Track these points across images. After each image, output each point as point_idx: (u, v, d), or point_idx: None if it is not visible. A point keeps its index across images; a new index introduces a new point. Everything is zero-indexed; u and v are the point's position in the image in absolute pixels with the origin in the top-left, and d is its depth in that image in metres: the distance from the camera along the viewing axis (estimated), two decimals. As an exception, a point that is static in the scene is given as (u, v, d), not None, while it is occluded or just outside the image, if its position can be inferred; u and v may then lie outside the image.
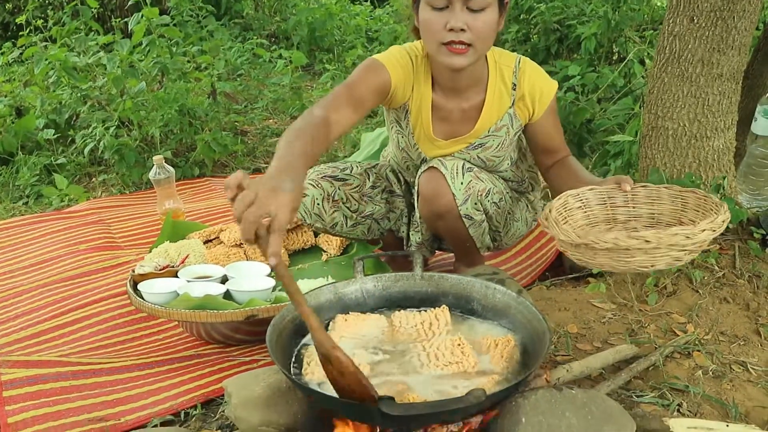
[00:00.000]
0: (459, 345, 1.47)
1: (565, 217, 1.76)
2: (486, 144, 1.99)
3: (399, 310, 1.65)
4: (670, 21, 2.18)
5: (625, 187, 1.76)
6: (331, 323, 1.59)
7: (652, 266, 1.52)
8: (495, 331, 1.57)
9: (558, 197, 1.77)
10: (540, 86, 1.94)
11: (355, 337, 1.54)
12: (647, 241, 1.46)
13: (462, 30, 1.72)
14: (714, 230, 1.51)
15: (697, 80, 2.16)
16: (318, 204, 2.10)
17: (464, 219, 1.92)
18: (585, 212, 1.81)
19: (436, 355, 1.46)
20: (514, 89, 1.94)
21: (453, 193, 1.88)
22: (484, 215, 1.95)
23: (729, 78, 2.16)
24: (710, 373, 1.74)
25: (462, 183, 1.88)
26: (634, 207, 1.81)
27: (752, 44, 2.48)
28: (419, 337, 1.55)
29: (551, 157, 2.03)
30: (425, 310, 1.63)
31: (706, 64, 2.14)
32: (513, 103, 1.95)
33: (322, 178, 2.11)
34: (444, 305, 1.63)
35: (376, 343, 1.53)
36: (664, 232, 1.47)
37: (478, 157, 2.00)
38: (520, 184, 2.18)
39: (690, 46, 2.14)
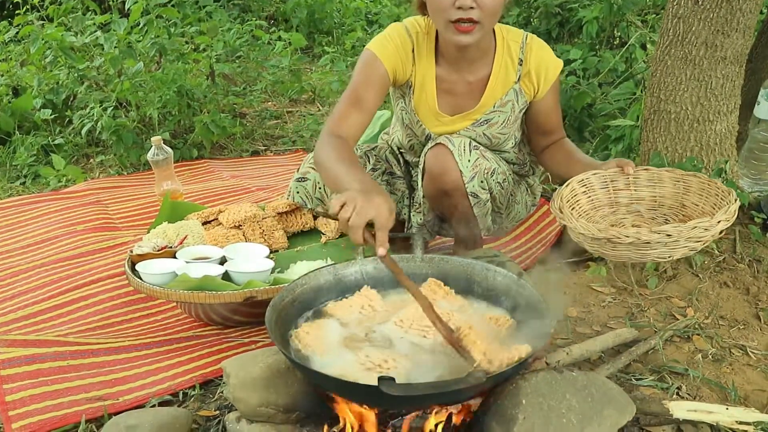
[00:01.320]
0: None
1: (572, 205, 1.76)
2: (492, 120, 1.98)
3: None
4: (674, 3, 2.15)
5: (627, 170, 1.78)
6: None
7: (670, 257, 1.56)
8: (495, 311, 1.56)
9: (565, 184, 1.78)
10: (546, 63, 1.94)
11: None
12: (668, 235, 1.49)
13: (471, 8, 1.71)
14: (728, 220, 1.54)
15: (701, 63, 2.15)
16: (320, 188, 2.09)
17: (470, 197, 1.91)
18: (589, 197, 1.81)
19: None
20: (521, 65, 1.94)
21: (460, 170, 1.87)
22: (488, 194, 1.94)
23: (733, 61, 2.14)
24: (710, 356, 1.74)
25: (469, 161, 1.87)
26: (635, 190, 1.82)
27: (756, 27, 2.45)
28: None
29: (547, 138, 2.04)
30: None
31: (710, 46, 2.12)
32: (519, 79, 1.95)
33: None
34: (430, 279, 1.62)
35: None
36: (684, 225, 1.50)
37: (483, 134, 1.99)
38: (521, 167, 2.17)
39: (694, 29, 2.12)
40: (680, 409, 1.44)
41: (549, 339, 1.42)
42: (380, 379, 1.16)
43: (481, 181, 1.90)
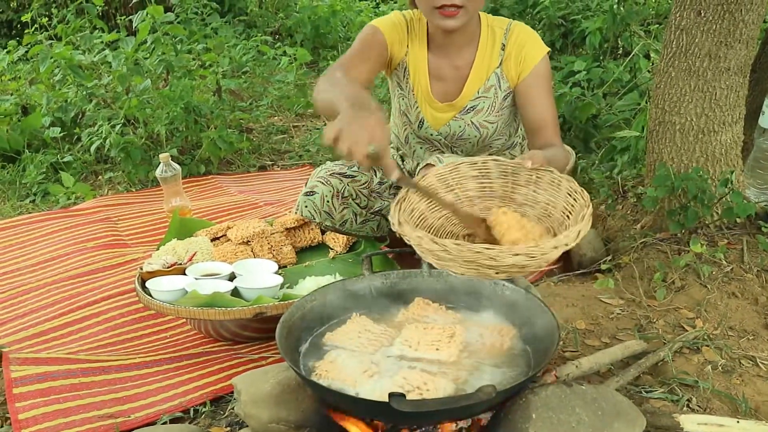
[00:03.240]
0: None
1: (452, 186, 1.62)
2: (477, 107, 2.02)
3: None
4: (677, 15, 2.17)
5: (525, 163, 1.59)
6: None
7: (460, 274, 1.37)
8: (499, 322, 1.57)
9: (448, 163, 1.64)
10: (527, 46, 1.96)
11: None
12: (447, 251, 1.33)
13: None
14: (532, 257, 1.32)
15: (705, 74, 2.15)
16: (328, 201, 2.10)
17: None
18: (481, 183, 1.64)
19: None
20: (503, 49, 1.98)
21: None
22: None
23: (736, 72, 2.15)
24: (719, 368, 1.73)
25: None
26: (535, 190, 1.61)
27: (759, 37, 2.46)
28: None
29: (539, 137, 1.94)
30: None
31: (714, 57, 2.13)
32: (501, 63, 1.99)
33: (330, 175, 2.12)
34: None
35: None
36: (506, 249, 1.31)
37: (471, 122, 2.03)
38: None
39: (697, 40, 2.13)
40: (691, 423, 1.44)
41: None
42: (391, 395, 1.17)
43: None
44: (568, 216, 1.51)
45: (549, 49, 1.99)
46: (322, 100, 1.65)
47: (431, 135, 2.08)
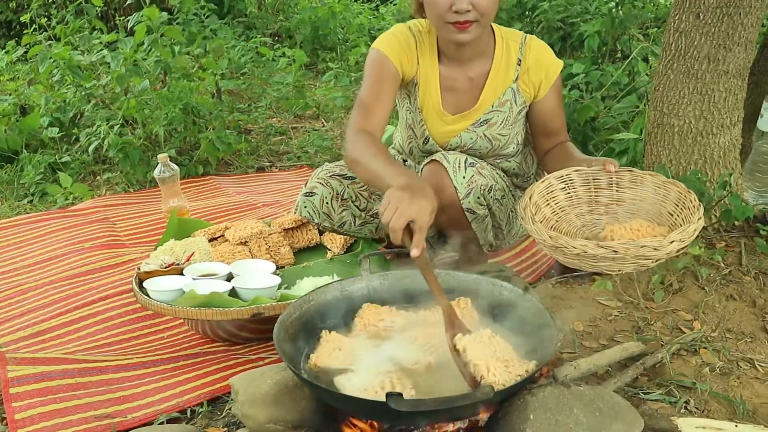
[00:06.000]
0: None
1: (547, 200, 1.76)
2: (491, 120, 2.00)
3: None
4: (676, 18, 2.17)
5: (609, 168, 1.76)
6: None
7: (619, 270, 1.55)
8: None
9: (542, 180, 1.78)
10: (546, 62, 1.97)
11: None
12: (615, 251, 1.47)
13: (467, 11, 1.76)
14: (683, 241, 1.49)
15: (703, 77, 2.16)
16: (327, 203, 2.10)
17: (467, 213, 1.92)
18: (568, 193, 1.81)
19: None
20: (519, 64, 1.96)
21: (455, 186, 1.88)
22: (487, 210, 1.95)
23: (735, 75, 2.16)
24: (717, 370, 1.74)
25: (464, 177, 1.89)
26: (617, 190, 1.81)
27: (758, 40, 2.47)
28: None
29: (550, 140, 2.05)
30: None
31: (712, 60, 2.13)
32: (517, 78, 1.97)
33: (330, 176, 2.11)
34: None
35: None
36: (632, 243, 1.48)
37: (484, 135, 2.01)
38: (525, 179, 2.17)
39: (696, 43, 2.14)
40: (689, 426, 1.44)
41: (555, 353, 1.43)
42: (388, 395, 1.16)
43: (478, 197, 1.90)
44: (662, 205, 1.73)
45: (562, 62, 2.00)
46: (365, 168, 1.74)
47: (437, 151, 2.06)
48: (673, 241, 1.48)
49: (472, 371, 1.31)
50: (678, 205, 1.68)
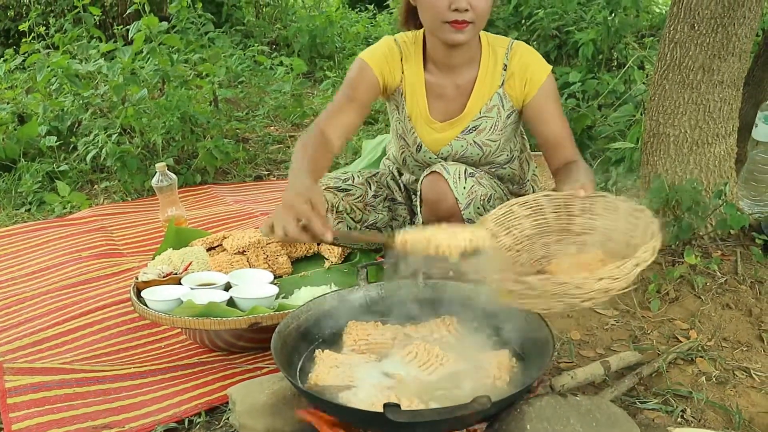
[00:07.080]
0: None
1: (508, 228, 1.63)
2: (480, 126, 2.01)
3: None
4: (671, 28, 2.19)
5: (579, 192, 1.61)
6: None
7: (548, 309, 1.35)
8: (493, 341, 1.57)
9: (501, 206, 1.64)
10: (532, 67, 1.96)
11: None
12: (530, 288, 1.29)
13: (466, 10, 1.79)
14: (616, 279, 1.28)
15: (698, 87, 2.17)
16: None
17: (467, 223, 1.93)
18: (536, 220, 1.65)
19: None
20: (505, 69, 1.97)
21: (456, 198, 1.89)
22: None
23: (730, 84, 2.17)
24: (713, 379, 1.74)
25: (464, 188, 1.89)
26: (590, 218, 1.62)
27: (752, 51, 2.49)
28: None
29: (556, 155, 1.94)
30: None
31: (707, 70, 2.15)
32: (503, 83, 1.98)
33: (325, 189, 2.12)
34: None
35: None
36: (550, 279, 1.30)
37: (474, 141, 2.02)
38: (520, 186, 2.18)
39: (691, 53, 2.16)
40: (685, 434, 1.44)
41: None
42: (386, 405, 1.17)
43: (477, 208, 1.91)
44: (632, 236, 1.48)
45: (551, 66, 2.00)
46: (291, 164, 1.78)
47: (430, 159, 2.07)
48: (601, 279, 1.26)
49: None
50: (646, 233, 1.45)
